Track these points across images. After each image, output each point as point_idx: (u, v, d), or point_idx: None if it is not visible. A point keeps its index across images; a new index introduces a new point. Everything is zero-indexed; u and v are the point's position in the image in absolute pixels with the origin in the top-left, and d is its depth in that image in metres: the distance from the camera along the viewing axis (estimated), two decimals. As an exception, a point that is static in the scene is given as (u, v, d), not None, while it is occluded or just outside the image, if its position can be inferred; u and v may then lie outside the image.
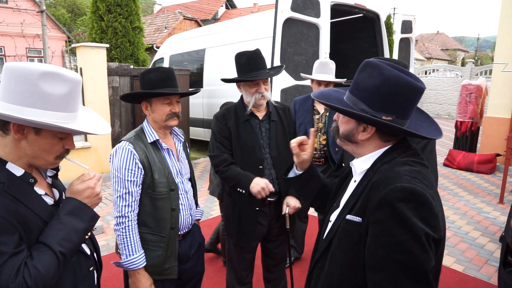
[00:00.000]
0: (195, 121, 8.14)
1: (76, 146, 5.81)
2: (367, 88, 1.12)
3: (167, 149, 1.92)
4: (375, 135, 1.16)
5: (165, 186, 1.85)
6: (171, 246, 1.88)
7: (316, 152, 3.13)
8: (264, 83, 2.20)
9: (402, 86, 1.08)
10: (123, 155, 1.78)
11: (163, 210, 1.85)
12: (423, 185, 1.02)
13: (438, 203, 1.07)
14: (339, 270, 1.15)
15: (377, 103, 1.10)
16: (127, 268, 1.77)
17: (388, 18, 16.77)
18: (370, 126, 1.14)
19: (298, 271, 3.38)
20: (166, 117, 1.87)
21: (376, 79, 1.09)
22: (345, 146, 1.25)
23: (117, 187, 1.78)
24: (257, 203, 2.23)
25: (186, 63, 8.62)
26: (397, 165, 1.09)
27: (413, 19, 7.29)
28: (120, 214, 1.77)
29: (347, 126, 1.20)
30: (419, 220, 0.97)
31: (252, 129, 2.25)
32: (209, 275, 3.33)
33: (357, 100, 1.14)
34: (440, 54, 45.45)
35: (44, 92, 1.09)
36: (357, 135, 1.18)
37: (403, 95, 1.09)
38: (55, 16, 23.84)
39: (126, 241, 1.76)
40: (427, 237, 0.97)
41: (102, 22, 7.52)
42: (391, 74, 1.07)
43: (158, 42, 18.38)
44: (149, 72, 1.86)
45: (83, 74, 5.84)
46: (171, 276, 1.90)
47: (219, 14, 27.40)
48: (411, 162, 1.10)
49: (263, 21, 6.35)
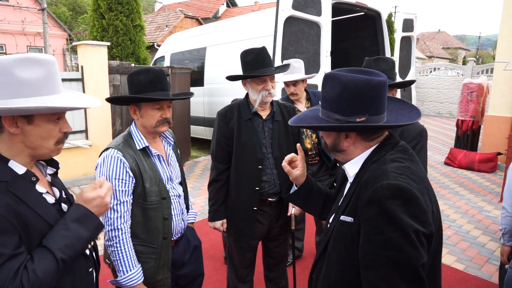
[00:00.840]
0: (196, 119, 8.14)
1: (77, 145, 5.81)
2: (333, 98, 1.16)
3: (157, 156, 1.81)
4: (358, 138, 1.19)
5: (156, 194, 1.74)
6: (163, 257, 1.79)
7: (311, 152, 3.12)
8: (271, 81, 2.19)
9: (361, 86, 1.11)
10: (112, 164, 1.66)
11: (155, 220, 1.74)
12: (410, 181, 1.03)
13: (430, 198, 1.08)
14: (335, 271, 1.17)
15: (346, 109, 1.14)
16: (125, 286, 1.65)
17: (389, 17, 16.72)
18: (351, 132, 1.18)
19: (302, 268, 3.38)
20: (156, 123, 1.75)
21: (337, 88, 1.14)
22: (337, 157, 1.28)
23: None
24: (255, 203, 2.23)
25: (187, 62, 8.61)
26: (385, 163, 1.11)
27: (415, 18, 7.27)
28: (113, 227, 1.63)
29: (330, 139, 1.24)
30: (408, 216, 0.98)
31: (254, 128, 2.23)
32: (210, 273, 3.34)
33: (329, 112, 1.18)
34: (442, 53, 45.35)
35: (22, 80, 1.07)
36: (342, 144, 1.21)
37: (366, 93, 1.12)
38: (56, 14, 23.83)
39: (121, 256, 1.64)
40: (416, 233, 0.98)
41: (103, 20, 7.51)
42: (348, 79, 1.12)
43: (159, 40, 18.37)
44: (139, 74, 1.71)
45: (84, 72, 5.84)
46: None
47: (220, 13, 27.37)
48: (399, 158, 1.13)
49: (264, 20, 6.34)
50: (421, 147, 1.96)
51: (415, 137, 1.95)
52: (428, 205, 1.04)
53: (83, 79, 5.86)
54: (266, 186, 2.25)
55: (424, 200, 1.03)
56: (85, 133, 6.04)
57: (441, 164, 7.65)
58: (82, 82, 5.86)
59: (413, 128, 1.96)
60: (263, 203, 2.27)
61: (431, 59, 40.36)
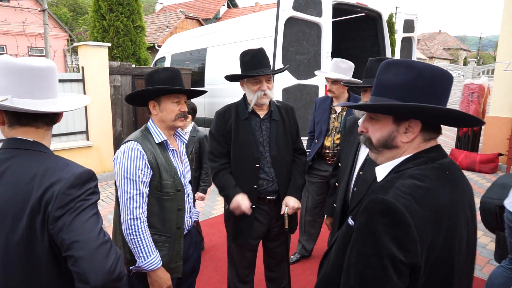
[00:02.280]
0: (196, 120, 8.11)
1: (78, 145, 5.83)
2: (399, 85, 1.04)
3: (172, 150, 1.92)
4: (420, 134, 1.05)
5: (172, 186, 1.84)
6: (176, 246, 1.88)
7: (330, 151, 3.13)
8: (267, 82, 2.20)
9: (438, 76, 1.03)
10: (132, 155, 1.74)
11: (169, 211, 1.84)
12: (413, 204, 0.93)
13: (439, 228, 0.95)
14: (330, 267, 1.17)
15: (414, 98, 1.01)
16: (147, 270, 1.75)
17: (390, 18, 16.71)
18: (415, 123, 1.04)
19: (303, 269, 3.38)
20: (175, 117, 1.86)
21: (408, 75, 1.03)
22: (381, 157, 1.12)
23: (127, 189, 1.73)
24: (253, 201, 2.24)
25: (187, 62, 8.62)
26: (400, 177, 1.01)
27: (415, 18, 7.27)
28: (131, 216, 1.72)
29: (383, 132, 1.08)
30: (389, 239, 0.91)
31: (252, 127, 2.25)
32: (210, 274, 3.34)
33: (388, 99, 1.05)
34: (442, 54, 45.33)
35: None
36: (398, 138, 1.06)
37: (440, 84, 1.03)
38: (57, 15, 23.86)
39: (141, 243, 1.73)
40: (391, 259, 0.90)
41: (104, 21, 7.52)
42: (424, 67, 1.03)
43: (160, 41, 18.39)
44: (158, 72, 1.85)
45: (84, 73, 5.85)
46: (176, 275, 1.91)
47: (221, 13, 27.40)
48: (422, 176, 1.00)
49: (264, 20, 6.34)
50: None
51: None
52: (428, 235, 0.93)
53: (83, 80, 5.86)
54: (264, 184, 2.26)
55: (422, 229, 0.92)
56: (86, 134, 6.04)
57: (442, 165, 7.66)
58: (82, 83, 5.87)
59: None
60: (262, 201, 2.28)
61: (432, 60, 40.35)
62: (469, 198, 1.09)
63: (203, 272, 3.31)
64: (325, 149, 3.17)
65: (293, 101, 5.36)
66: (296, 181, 2.34)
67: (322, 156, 3.21)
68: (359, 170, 2.05)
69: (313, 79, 5.55)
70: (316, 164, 3.25)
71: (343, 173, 2.16)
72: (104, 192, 5.66)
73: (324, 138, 3.15)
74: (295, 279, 3.19)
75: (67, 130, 5.85)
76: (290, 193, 2.29)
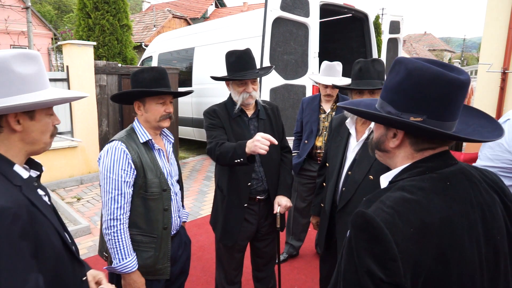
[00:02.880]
0: (184, 120, 8.09)
1: (63, 146, 5.72)
2: (392, 87, 0.97)
3: (158, 150, 1.90)
4: (406, 142, 0.99)
5: (157, 186, 1.82)
6: (163, 247, 1.86)
7: (321, 151, 3.14)
8: (253, 83, 2.20)
9: (428, 78, 0.89)
10: (115, 155, 1.73)
11: (155, 211, 1.82)
12: (395, 219, 0.86)
13: (429, 245, 0.86)
14: (336, 272, 1.15)
15: (402, 103, 0.94)
16: (121, 272, 1.74)
17: (377, 19, 16.89)
18: (399, 131, 0.98)
19: (290, 268, 3.39)
20: (160, 118, 1.84)
21: (399, 75, 0.95)
22: (379, 158, 1.11)
23: (109, 188, 1.72)
24: (246, 199, 2.23)
25: (175, 62, 8.56)
26: (390, 189, 0.95)
27: (401, 20, 7.37)
28: (112, 216, 1.71)
29: (376, 134, 1.07)
30: (368, 255, 0.86)
31: (244, 124, 2.26)
32: (198, 275, 3.32)
33: (384, 103, 1.00)
34: (428, 55, 46.04)
35: (22, 75, 1.07)
36: (387, 143, 1.03)
37: (431, 89, 0.89)
38: (41, 13, 23.42)
39: (118, 245, 1.72)
40: (370, 276, 0.85)
41: (89, 19, 7.40)
42: (415, 66, 0.91)
43: (147, 40, 18.21)
44: (143, 72, 1.82)
45: (69, 72, 5.75)
46: (163, 277, 1.89)
47: (209, 13, 27.29)
48: (415, 188, 0.91)
49: (252, 20, 6.34)
50: None
51: None
52: (412, 253, 0.84)
53: (68, 79, 5.76)
54: (254, 183, 2.26)
55: (404, 246, 0.84)
56: (71, 134, 5.94)
57: (427, 164, 7.78)
58: (67, 82, 5.77)
59: None
60: (252, 201, 2.27)
61: (417, 61, 40.89)
62: (485, 212, 0.94)
63: (191, 273, 3.28)
64: (316, 149, 3.18)
65: (281, 101, 5.37)
66: (285, 179, 2.35)
67: (312, 156, 3.22)
68: (348, 170, 2.06)
69: (301, 79, 5.58)
70: (307, 165, 3.26)
71: (331, 173, 2.16)
72: (89, 193, 5.58)
73: (315, 138, 3.16)
74: (283, 279, 3.20)
75: (51, 130, 5.74)
76: (281, 192, 2.30)
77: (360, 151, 2.02)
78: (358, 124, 2.08)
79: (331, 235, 2.19)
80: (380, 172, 1.91)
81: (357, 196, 1.99)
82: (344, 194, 2.03)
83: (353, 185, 2.00)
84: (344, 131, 2.13)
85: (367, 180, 1.96)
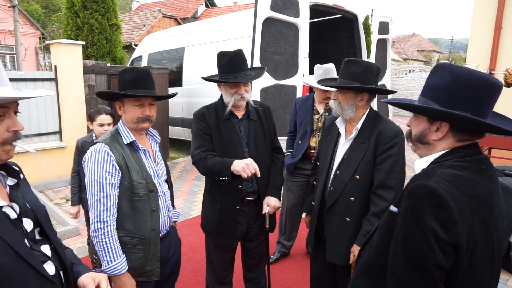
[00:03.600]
0: (174, 120, 8.05)
1: (51, 146, 5.64)
2: (438, 87, 1.13)
3: (143, 150, 1.88)
4: (449, 133, 1.14)
5: (143, 187, 1.80)
6: (152, 248, 1.84)
7: (315, 151, 3.16)
8: (245, 85, 2.20)
9: (475, 81, 1.07)
10: (99, 157, 1.71)
11: (142, 212, 1.80)
12: (453, 189, 1.03)
13: (478, 214, 1.05)
14: (373, 252, 1.27)
15: (448, 101, 1.10)
16: (110, 275, 1.71)
17: (366, 19, 17.02)
18: (444, 124, 1.13)
19: (281, 268, 3.40)
20: (137, 120, 1.81)
21: (446, 77, 1.11)
22: (418, 151, 1.25)
23: (94, 191, 1.71)
24: (238, 202, 2.23)
25: (165, 62, 8.51)
26: (441, 167, 1.11)
27: (390, 21, 7.44)
28: (98, 219, 1.70)
29: (418, 128, 1.21)
30: (433, 220, 1.01)
31: (233, 127, 2.24)
32: (189, 275, 3.31)
33: (427, 100, 1.15)
34: (416, 55, 46.61)
35: None
36: (429, 136, 1.18)
37: (477, 90, 1.07)
38: (28, 12, 23.04)
39: (106, 247, 1.70)
40: (435, 236, 1.00)
41: (78, 18, 7.31)
42: (463, 70, 1.09)
43: (137, 40, 18.06)
44: (125, 72, 1.81)
45: (57, 72, 5.68)
46: (153, 278, 1.87)
47: (199, 13, 27.18)
48: (460, 167, 1.10)
49: (243, 20, 6.34)
50: (398, 149, 1.95)
51: (391, 138, 1.95)
52: (467, 219, 1.03)
53: (56, 79, 5.69)
54: (244, 184, 2.26)
55: (462, 213, 1.01)
56: (59, 135, 5.86)
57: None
58: (55, 82, 5.70)
59: (390, 129, 1.97)
60: (242, 202, 2.27)
61: (407, 61, 41.41)
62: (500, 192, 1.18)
63: (181, 274, 3.26)
64: (310, 149, 3.20)
65: (271, 101, 5.38)
66: (275, 181, 2.35)
67: (306, 156, 3.24)
68: (336, 170, 2.08)
69: (291, 79, 5.60)
70: (300, 164, 3.27)
71: (321, 172, 2.19)
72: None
73: (309, 139, 3.18)
74: (273, 278, 3.21)
75: (39, 131, 5.66)
76: (270, 193, 2.30)
77: (348, 151, 2.05)
78: (347, 124, 2.11)
79: (320, 233, 2.21)
80: (366, 172, 1.96)
81: (344, 195, 2.01)
82: (332, 193, 2.06)
83: (340, 184, 2.02)
84: (335, 130, 2.16)
85: (353, 180, 1.99)
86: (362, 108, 2.04)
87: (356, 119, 2.04)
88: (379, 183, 1.94)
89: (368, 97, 2.02)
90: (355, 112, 2.02)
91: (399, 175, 1.95)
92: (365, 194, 1.99)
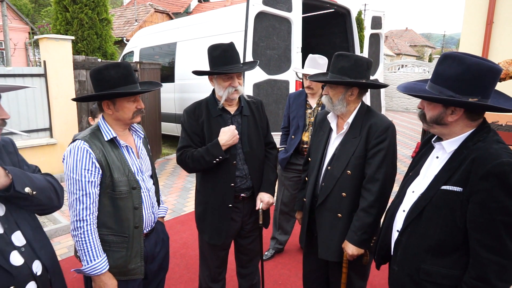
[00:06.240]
0: (166, 116, 7.99)
1: (41, 143, 5.57)
2: (450, 76, 1.30)
3: (125, 147, 1.84)
4: (463, 116, 1.33)
5: (125, 185, 1.76)
6: (135, 246, 1.81)
7: (307, 146, 3.14)
8: (238, 77, 2.16)
9: (484, 70, 1.25)
10: (78, 155, 1.67)
11: (124, 210, 1.77)
12: None
13: None
14: (438, 233, 1.35)
15: (462, 88, 1.28)
16: (90, 275, 1.69)
17: (359, 14, 17.04)
18: (459, 109, 1.32)
19: (275, 264, 3.39)
20: (133, 114, 1.81)
21: (458, 68, 1.28)
22: (433, 130, 1.44)
23: (73, 189, 1.67)
24: (230, 200, 2.21)
25: (157, 57, 8.42)
26: (492, 143, 1.28)
27: (383, 15, 7.44)
28: (78, 218, 1.67)
29: (434, 112, 1.38)
30: None
31: (225, 124, 2.20)
32: (181, 272, 3.29)
33: (442, 88, 1.32)
34: (409, 50, 46.80)
35: None
36: (446, 118, 1.36)
37: (486, 78, 1.26)
38: (17, 6, 22.66)
39: (86, 246, 1.67)
40: None
41: (67, 13, 7.19)
42: (473, 62, 1.26)
43: (128, 35, 17.86)
44: (108, 69, 1.74)
45: (47, 68, 5.58)
46: (137, 276, 1.84)
47: (192, 7, 26.93)
48: (500, 141, 1.30)
49: (235, 15, 6.28)
50: (389, 143, 1.92)
51: (382, 132, 1.92)
52: None
53: (46, 75, 5.60)
54: (239, 181, 2.23)
55: None
56: (49, 131, 5.78)
57: (408, 158, 7.91)
58: (45, 78, 5.60)
59: (380, 123, 1.95)
60: (236, 199, 2.24)
61: (399, 56, 41.56)
62: None
63: (174, 271, 3.26)
64: (302, 144, 3.19)
65: (264, 96, 5.36)
66: (269, 176, 2.33)
67: (299, 151, 3.22)
68: (328, 165, 2.06)
69: (284, 74, 5.57)
70: (293, 159, 3.26)
71: (312, 167, 2.17)
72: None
73: (302, 133, 3.17)
74: (267, 274, 3.21)
75: (28, 127, 5.57)
76: (264, 188, 2.28)
77: (339, 146, 2.03)
78: (339, 119, 2.09)
79: (312, 230, 2.19)
80: (357, 167, 1.95)
81: (336, 191, 1.99)
82: (324, 189, 2.04)
83: (331, 180, 2.00)
84: (327, 125, 2.14)
85: (345, 175, 1.97)
86: (353, 103, 2.01)
87: (347, 114, 2.02)
88: (369, 177, 1.93)
89: (358, 92, 1.98)
90: (346, 107, 1.99)
91: (389, 169, 1.92)
92: (356, 190, 1.97)
